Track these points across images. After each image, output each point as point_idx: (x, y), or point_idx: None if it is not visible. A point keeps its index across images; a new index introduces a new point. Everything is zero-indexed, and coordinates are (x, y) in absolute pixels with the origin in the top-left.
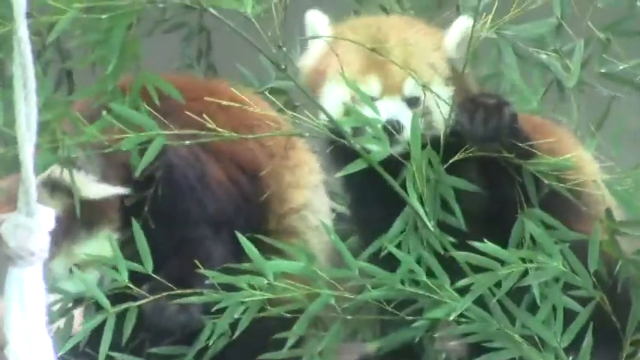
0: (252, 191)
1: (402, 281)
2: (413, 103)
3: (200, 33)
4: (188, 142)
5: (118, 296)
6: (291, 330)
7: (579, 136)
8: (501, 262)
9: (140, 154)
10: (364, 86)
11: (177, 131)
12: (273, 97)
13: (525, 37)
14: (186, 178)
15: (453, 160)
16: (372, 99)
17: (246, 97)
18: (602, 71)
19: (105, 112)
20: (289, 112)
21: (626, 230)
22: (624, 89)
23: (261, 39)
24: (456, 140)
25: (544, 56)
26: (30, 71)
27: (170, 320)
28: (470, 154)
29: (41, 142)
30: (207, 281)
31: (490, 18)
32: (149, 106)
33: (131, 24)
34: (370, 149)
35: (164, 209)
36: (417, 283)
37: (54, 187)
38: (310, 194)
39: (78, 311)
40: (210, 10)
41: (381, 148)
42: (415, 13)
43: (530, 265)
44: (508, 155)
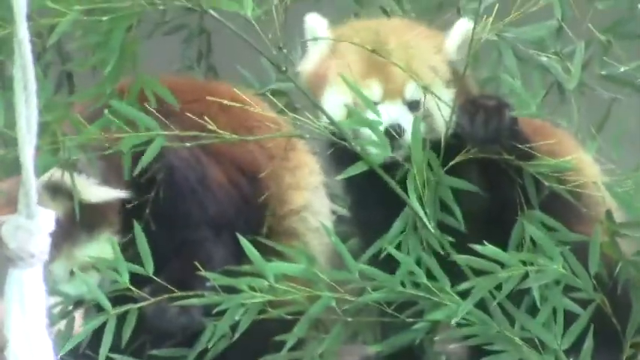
0: (252, 193)
1: (402, 283)
2: (414, 106)
3: (200, 35)
4: (189, 143)
5: (118, 298)
6: (292, 332)
7: (580, 139)
8: (501, 265)
9: (138, 156)
10: (365, 90)
11: (177, 132)
12: (274, 99)
13: (526, 39)
14: (187, 180)
15: (453, 162)
16: (373, 103)
17: (246, 98)
18: (603, 73)
19: (107, 111)
20: (290, 113)
21: (626, 232)
22: (624, 91)
23: (262, 41)
24: (457, 142)
25: (544, 58)
26: (30, 73)
27: (171, 322)
28: (470, 155)
29: (41, 143)
30: (208, 283)
31: (491, 20)
32: (150, 108)
33: (131, 26)
34: (371, 151)
35: (165, 211)
36: (418, 285)
37: (55, 190)
38: (310, 196)
39: (78, 314)
40: (211, 12)
41: (382, 150)
42: (416, 15)
43: (531, 268)
44: (508, 157)
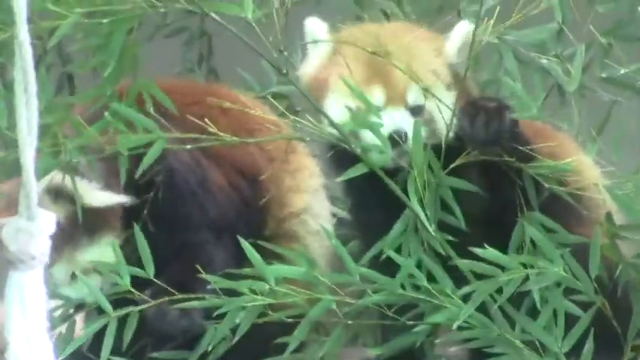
0: (252, 195)
1: (402, 286)
2: (417, 111)
3: (201, 37)
4: (189, 146)
5: (119, 301)
6: (293, 335)
7: (580, 141)
8: (502, 268)
9: (138, 159)
10: (368, 96)
11: (178, 134)
12: (274, 102)
13: (526, 42)
14: (188, 183)
15: (454, 164)
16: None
17: (247, 101)
18: (603, 76)
19: (107, 113)
20: (291, 116)
21: (626, 234)
22: (625, 94)
23: (263, 43)
24: (457, 144)
25: (545, 61)
26: (31, 75)
27: (172, 325)
28: (471, 157)
29: (42, 146)
30: (209, 286)
31: (492, 23)
32: (150, 110)
33: (132, 28)
34: (372, 154)
35: (166, 214)
36: (418, 287)
37: (57, 194)
38: (310, 198)
39: (79, 317)
40: (212, 15)
41: (383, 152)
42: (416, 17)
43: (531, 271)
44: (509, 159)
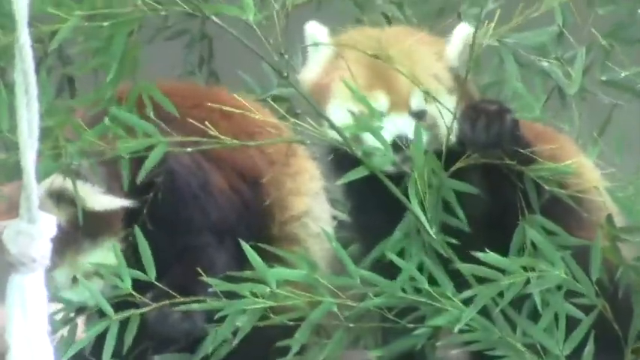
0: (253, 198)
1: (403, 289)
2: (420, 116)
3: (202, 40)
4: (190, 149)
5: (120, 304)
6: (294, 338)
7: (581, 144)
8: (503, 272)
9: (140, 162)
10: (371, 102)
11: (178, 137)
12: (275, 105)
13: (527, 44)
14: (189, 186)
15: (455, 167)
16: (379, 114)
17: (247, 104)
18: (604, 79)
19: (107, 118)
20: (291, 119)
21: (627, 237)
22: (625, 97)
23: (263, 46)
24: (458, 147)
25: (545, 64)
26: (32, 77)
27: (173, 328)
28: (471, 160)
29: (43, 148)
30: (210, 289)
31: (492, 26)
32: (151, 114)
33: (132, 31)
34: (374, 157)
35: (167, 217)
36: (419, 290)
37: (58, 197)
38: (311, 201)
39: (80, 321)
40: (212, 18)
41: (384, 156)
42: (417, 20)
43: (533, 274)
44: (510, 162)
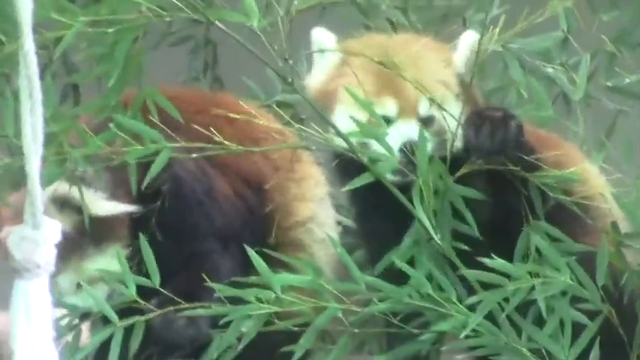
0: (257, 204)
1: (408, 294)
2: (428, 122)
3: (206, 46)
4: (195, 155)
5: (125, 310)
6: (299, 343)
7: (585, 150)
8: (508, 277)
9: (145, 168)
10: (379, 108)
11: (183, 144)
12: (280, 110)
13: (531, 50)
14: (194, 192)
15: (459, 173)
16: (387, 120)
17: (252, 110)
18: (609, 84)
19: (112, 125)
20: (296, 125)
21: (632, 242)
22: (629, 103)
23: (268, 52)
24: (462, 153)
25: (550, 70)
26: (36, 83)
27: (178, 334)
28: (476, 166)
29: (48, 154)
30: (215, 295)
31: (497, 31)
32: (156, 120)
33: (137, 37)
34: (379, 163)
35: (172, 223)
36: (424, 296)
37: (63, 204)
38: (316, 207)
39: (85, 326)
40: (217, 24)
41: (389, 162)
42: (422, 26)
43: (538, 280)
44: (514, 168)
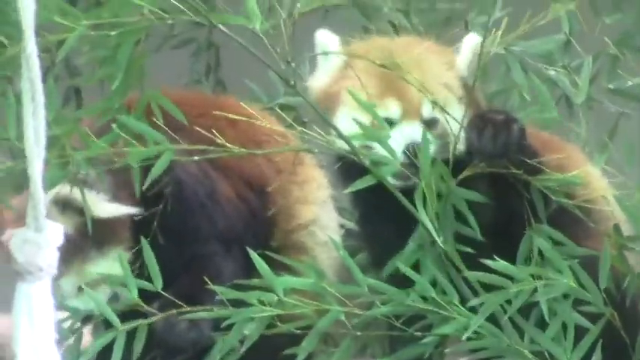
0: (260, 207)
1: (410, 298)
2: (431, 124)
3: (209, 49)
4: (197, 157)
5: (127, 313)
6: (301, 346)
7: (587, 152)
8: (511, 279)
9: (147, 170)
10: (383, 110)
11: (185, 146)
12: (282, 113)
13: (534, 53)
14: (197, 194)
15: (461, 176)
16: (391, 123)
17: (254, 112)
18: (611, 87)
19: (115, 125)
20: (298, 127)
21: (634, 245)
22: (631, 105)
23: (270, 55)
24: (465, 156)
25: (552, 72)
26: (38, 86)
27: (180, 337)
28: (478, 169)
29: (50, 157)
30: (217, 297)
31: (500, 34)
32: (158, 123)
33: (139, 40)
34: (381, 166)
35: (174, 226)
36: (426, 299)
37: (65, 206)
38: (318, 210)
39: (87, 329)
40: (219, 26)
41: (391, 165)
42: (424, 28)
43: (541, 282)
44: (516, 171)
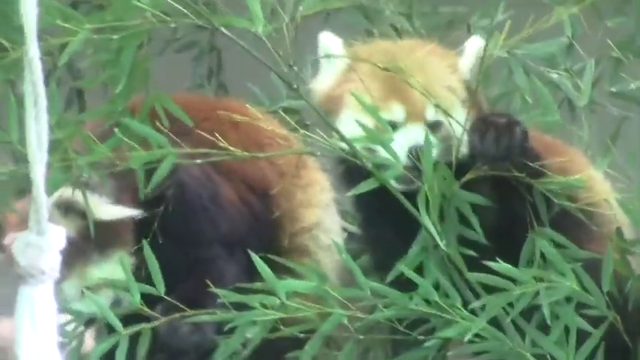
0: (262, 210)
1: (412, 301)
2: (435, 127)
3: (211, 52)
4: (199, 160)
5: (129, 317)
6: (304, 349)
7: (590, 156)
8: (514, 281)
9: (150, 174)
10: (387, 113)
11: (188, 150)
12: (286, 116)
13: (536, 56)
14: (200, 198)
15: (464, 180)
16: (395, 126)
17: (257, 116)
18: (613, 90)
19: (117, 129)
20: (301, 130)
21: (636, 249)
22: (634, 108)
23: (272, 58)
24: (467, 160)
25: (555, 75)
26: (41, 89)
27: (183, 340)
28: (480, 173)
29: (52, 160)
30: (220, 301)
31: (503, 37)
32: (161, 126)
33: (142, 44)
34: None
35: (177, 230)
36: (429, 302)
37: (67, 209)
38: (321, 213)
39: (89, 332)
40: (222, 30)
41: (394, 168)
42: (426, 32)
43: (543, 285)
44: (519, 174)
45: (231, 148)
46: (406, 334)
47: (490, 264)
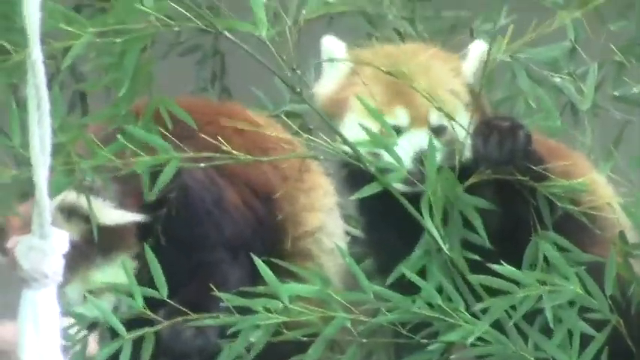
0: (266, 214)
1: (416, 304)
2: (439, 132)
3: (214, 56)
4: (203, 164)
5: (132, 322)
6: (307, 353)
7: (593, 160)
8: (517, 284)
9: (154, 177)
10: (391, 118)
11: (192, 154)
12: (288, 121)
13: (539, 60)
14: (203, 202)
15: (467, 184)
16: (399, 130)
17: (260, 120)
18: (616, 94)
19: (120, 135)
20: (304, 134)
21: (639, 253)
22: (637, 112)
23: (276, 62)
24: (471, 163)
25: (558, 79)
26: (44, 93)
27: (186, 344)
28: (484, 176)
29: (55, 164)
30: (223, 304)
31: (506, 41)
32: (164, 130)
33: (145, 47)
34: (389, 173)
35: (181, 233)
36: (432, 306)
37: (70, 213)
38: (325, 217)
39: (93, 336)
40: (225, 33)
41: (398, 172)
42: (429, 36)
43: (546, 288)
44: (522, 178)
45: (235, 151)
46: (409, 337)
47: (494, 266)
